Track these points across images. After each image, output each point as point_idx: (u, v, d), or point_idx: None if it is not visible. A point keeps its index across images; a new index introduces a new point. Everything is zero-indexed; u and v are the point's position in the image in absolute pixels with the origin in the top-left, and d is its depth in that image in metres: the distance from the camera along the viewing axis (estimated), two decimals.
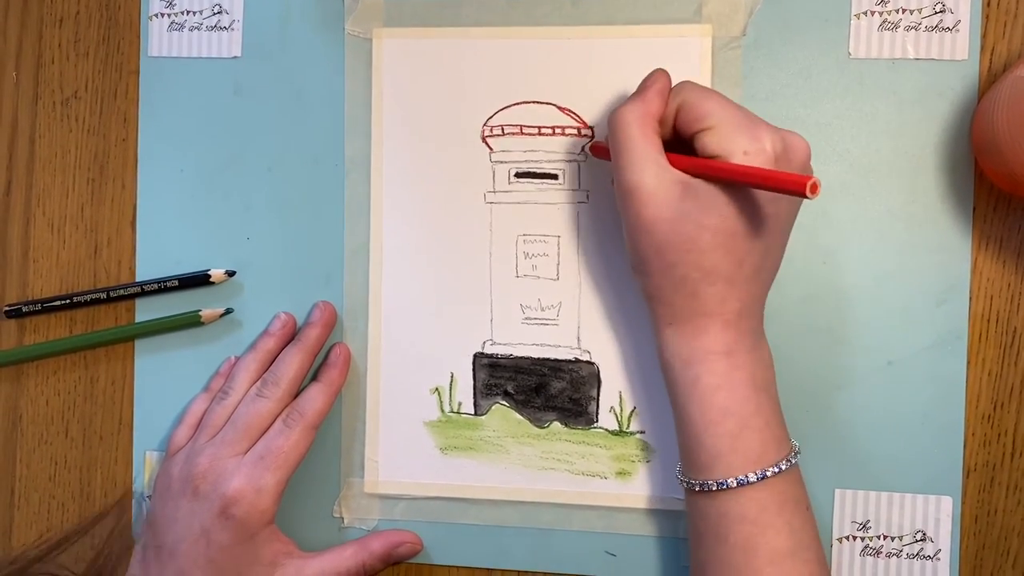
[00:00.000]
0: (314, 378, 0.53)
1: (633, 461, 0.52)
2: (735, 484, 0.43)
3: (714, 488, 0.43)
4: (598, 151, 0.51)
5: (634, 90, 0.46)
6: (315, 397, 0.51)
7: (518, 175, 0.52)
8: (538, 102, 0.52)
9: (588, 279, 0.52)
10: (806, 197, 0.38)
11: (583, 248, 0.52)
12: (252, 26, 0.54)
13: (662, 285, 0.44)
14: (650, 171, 0.43)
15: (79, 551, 0.52)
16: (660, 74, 0.46)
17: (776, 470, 0.43)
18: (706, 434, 0.43)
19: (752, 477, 0.42)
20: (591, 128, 0.52)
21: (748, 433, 0.43)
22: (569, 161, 0.52)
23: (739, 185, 0.42)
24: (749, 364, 0.44)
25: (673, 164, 0.43)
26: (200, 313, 0.54)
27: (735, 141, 0.42)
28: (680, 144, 0.45)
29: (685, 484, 0.45)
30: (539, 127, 0.52)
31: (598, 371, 0.52)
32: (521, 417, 0.53)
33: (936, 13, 0.49)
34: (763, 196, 0.42)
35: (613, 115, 0.45)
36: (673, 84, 0.46)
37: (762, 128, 0.42)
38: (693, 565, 0.46)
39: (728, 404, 0.43)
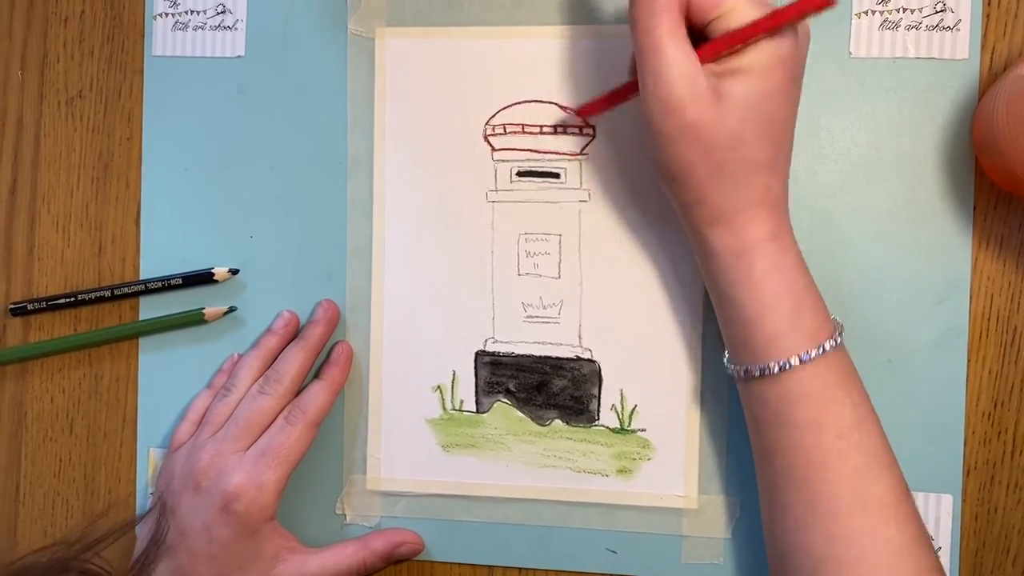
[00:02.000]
0: (316, 376, 0.53)
1: (634, 459, 0.52)
2: (797, 362, 0.43)
3: (775, 371, 0.43)
4: (588, 110, 0.51)
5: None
6: (317, 395, 0.51)
7: (520, 174, 0.53)
8: (540, 101, 0.52)
9: (589, 277, 0.52)
10: (832, 6, 0.40)
11: (584, 247, 0.52)
12: (256, 26, 0.55)
13: (708, 186, 0.43)
14: (687, 75, 0.42)
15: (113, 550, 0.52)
16: None
17: (833, 343, 0.43)
18: (764, 318, 0.43)
19: (813, 352, 0.43)
20: (592, 127, 0.52)
21: (803, 311, 0.43)
22: (571, 160, 0.52)
23: (777, 28, 0.41)
24: (793, 246, 0.44)
25: (703, 56, 0.42)
26: (203, 311, 0.54)
27: (752, 16, 0.42)
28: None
29: (742, 373, 0.45)
30: (541, 126, 0.52)
31: (599, 369, 0.52)
32: (522, 415, 0.53)
33: (937, 12, 0.50)
34: (785, 74, 0.42)
35: (634, 18, 0.43)
36: None
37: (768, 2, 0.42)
38: (757, 453, 0.46)
39: (782, 286, 0.43)
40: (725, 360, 0.47)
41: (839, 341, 0.44)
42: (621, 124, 0.52)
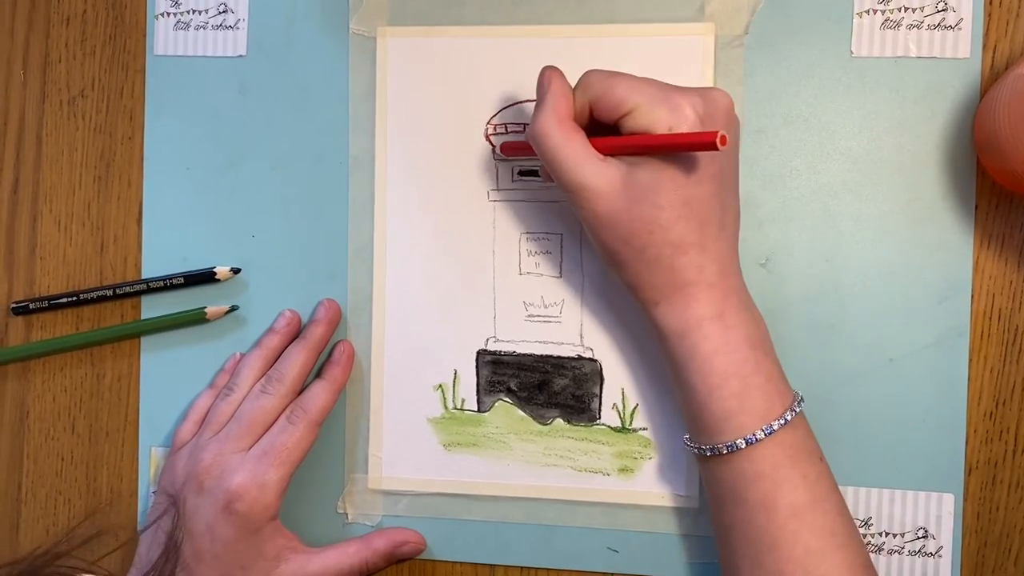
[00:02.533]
0: (318, 375, 0.53)
1: (635, 458, 0.52)
2: (744, 444, 0.43)
3: (724, 451, 0.43)
4: (509, 149, 0.51)
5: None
6: (319, 394, 0.52)
7: (521, 173, 0.53)
8: None
9: (590, 276, 0.52)
10: (716, 150, 0.40)
11: (586, 246, 0.52)
12: (257, 25, 0.55)
13: (638, 270, 0.44)
14: (587, 169, 0.43)
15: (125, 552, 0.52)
16: (552, 73, 0.46)
17: (782, 422, 0.43)
18: (710, 399, 0.44)
19: (760, 434, 0.43)
20: None
21: (751, 392, 0.43)
22: None
23: (660, 153, 0.42)
24: (741, 323, 0.44)
25: (599, 149, 0.44)
26: (205, 310, 0.54)
27: (657, 118, 0.42)
28: (599, 129, 0.45)
29: (696, 451, 0.45)
30: None
31: (600, 368, 0.52)
32: (524, 414, 0.53)
33: (938, 11, 0.50)
34: (696, 157, 0.42)
35: (529, 133, 0.45)
36: (546, 74, 0.46)
37: (679, 96, 0.43)
38: (717, 530, 0.46)
39: (727, 367, 0.43)
40: (685, 437, 0.47)
41: (790, 417, 0.43)
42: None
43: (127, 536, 0.55)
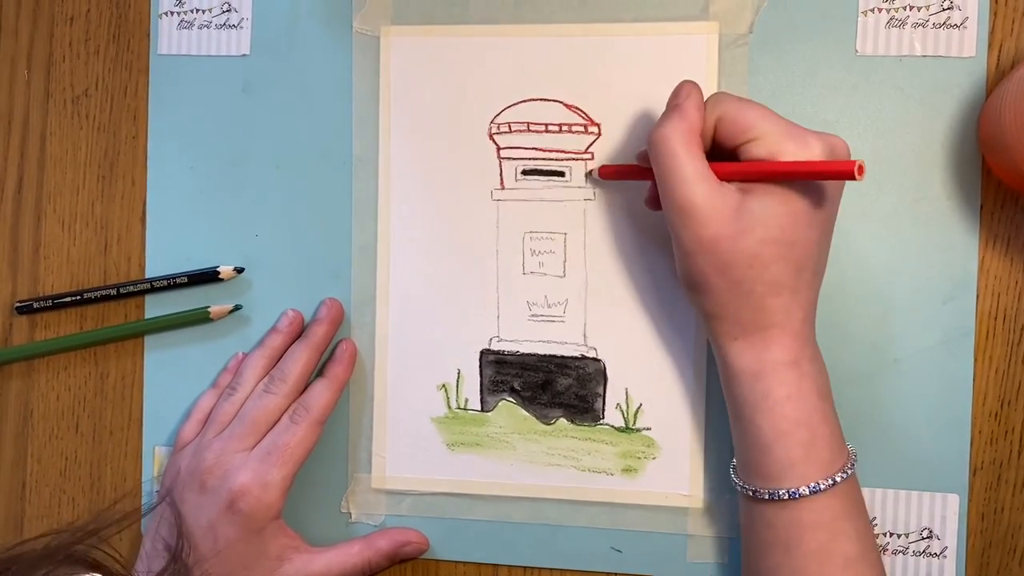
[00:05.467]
0: (320, 374, 0.53)
1: (639, 458, 0.52)
2: (808, 492, 0.42)
3: (786, 497, 0.43)
4: (607, 173, 0.51)
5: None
6: (321, 393, 0.52)
7: (525, 172, 0.53)
8: (545, 99, 0.52)
9: (594, 276, 0.52)
10: (854, 179, 0.40)
11: (589, 245, 0.52)
12: (261, 24, 0.55)
13: (726, 302, 0.43)
14: (702, 188, 0.42)
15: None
16: (692, 86, 0.45)
17: (844, 476, 0.43)
18: (777, 445, 0.43)
19: (823, 485, 0.42)
20: (598, 125, 0.52)
21: (819, 441, 0.43)
22: (576, 159, 0.52)
23: (792, 179, 0.42)
24: (814, 372, 0.44)
25: (719, 174, 0.43)
26: (209, 309, 0.54)
27: (784, 148, 0.42)
28: (718, 156, 0.44)
29: (750, 493, 0.45)
30: (546, 124, 0.52)
31: (604, 368, 0.52)
32: (527, 414, 0.53)
33: (944, 10, 0.49)
34: (814, 198, 0.42)
35: (654, 134, 0.44)
36: (687, 86, 0.45)
37: (808, 134, 0.42)
38: (753, 572, 0.45)
39: (799, 415, 0.43)
40: (732, 473, 0.46)
41: (851, 472, 0.43)
42: (626, 123, 0.52)
43: (131, 534, 0.55)
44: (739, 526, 0.48)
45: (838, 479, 0.43)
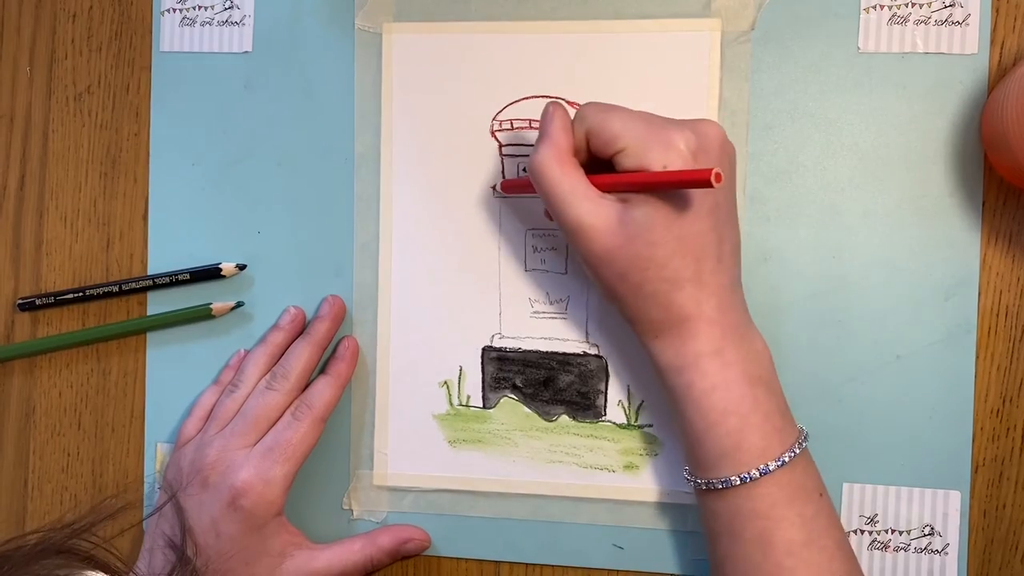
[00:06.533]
0: (322, 371, 0.53)
1: (641, 455, 0.52)
2: (738, 482, 0.43)
3: (720, 487, 0.43)
4: (509, 188, 0.52)
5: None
6: (323, 390, 0.52)
7: (527, 170, 0.53)
8: (547, 96, 0.52)
9: None
10: (711, 187, 0.39)
11: None
12: (263, 21, 0.55)
13: (635, 305, 0.44)
14: (584, 206, 0.43)
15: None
16: (554, 108, 0.46)
17: (779, 463, 0.43)
18: (707, 435, 0.44)
19: (755, 473, 0.43)
20: None
21: (749, 429, 0.43)
22: None
23: (655, 190, 0.42)
24: (740, 360, 0.44)
25: (598, 187, 0.44)
26: (211, 306, 0.54)
27: (650, 156, 0.42)
28: (601, 162, 0.45)
29: (693, 483, 0.45)
30: None
31: (606, 365, 0.52)
32: (529, 410, 0.53)
33: (946, 7, 0.49)
34: (689, 195, 0.42)
35: (529, 166, 0.45)
36: (549, 108, 0.46)
37: (671, 131, 0.43)
38: (711, 562, 0.46)
39: (725, 404, 0.43)
40: (685, 468, 0.47)
41: (789, 459, 0.43)
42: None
43: (133, 531, 0.55)
44: None
45: (771, 467, 0.43)
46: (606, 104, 0.45)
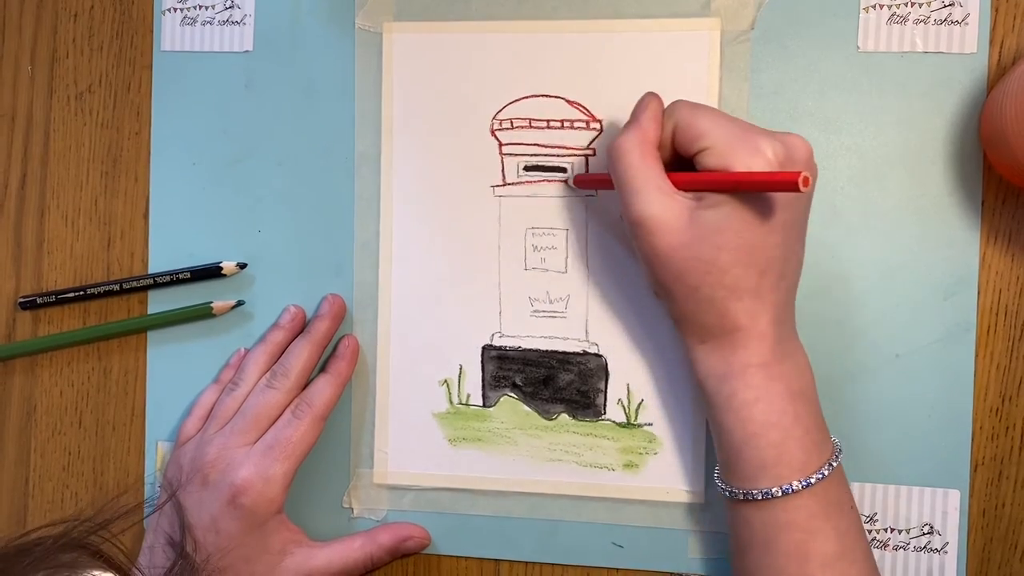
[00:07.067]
0: (322, 370, 0.53)
1: (640, 453, 0.52)
2: (780, 494, 0.43)
3: (759, 498, 0.43)
4: (582, 182, 0.51)
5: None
6: (323, 388, 0.52)
7: (527, 168, 0.53)
8: (547, 96, 0.52)
9: (596, 272, 0.52)
10: (798, 191, 0.39)
11: (591, 241, 0.52)
12: (263, 21, 0.55)
13: (688, 308, 0.44)
14: (656, 199, 0.43)
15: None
16: (651, 98, 0.46)
17: (820, 476, 0.43)
18: (747, 446, 0.43)
19: (797, 485, 0.42)
20: (600, 121, 0.52)
21: (790, 443, 0.43)
22: (578, 155, 0.52)
23: (737, 192, 0.42)
24: (785, 373, 0.44)
25: (676, 184, 0.43)
26: (212, 305, 0.55)
27: (735, 156, 0.42)
28: (683, 163, 0.45)
29: (728, 493, 0.45)
30: (548, 120, 0.52)
31: (606, 363, 0.52)
32: (529, 409, 0.53)
33: (945, 7, 0.49)
34: (769, 203, 0.42)
35: (611, 146, 0.45)
36: (646, 98, 0.46)
37: (759, 138, 0.42)
38: (738, 573, 0.46)
39: (768, 416, 0.43)
40: (716, 474, 0.47)
41: (827, 472, 0.43)
42: (628, 119, 0.52)
43: (135, 529, 0.55)
44: None
45: (812, 480, 0.42)
46: (697, 103, 0.44)
